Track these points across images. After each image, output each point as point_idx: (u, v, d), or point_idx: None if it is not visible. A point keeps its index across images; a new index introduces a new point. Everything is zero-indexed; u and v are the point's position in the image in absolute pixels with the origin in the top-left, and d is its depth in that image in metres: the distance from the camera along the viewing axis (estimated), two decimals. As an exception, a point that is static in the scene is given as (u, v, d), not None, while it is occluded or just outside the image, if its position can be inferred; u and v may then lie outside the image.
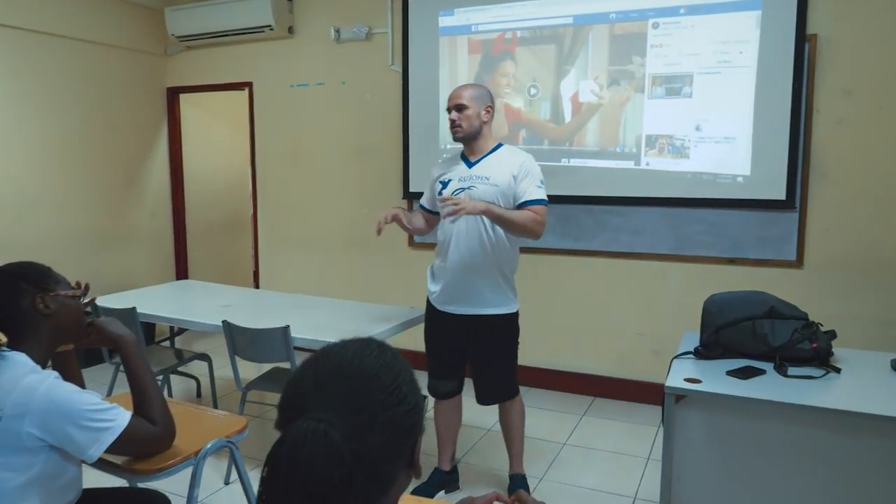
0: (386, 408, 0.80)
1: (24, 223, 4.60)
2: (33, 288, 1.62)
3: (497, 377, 2.87)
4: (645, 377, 4.07)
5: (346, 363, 0.83)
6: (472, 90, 2.74)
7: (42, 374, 1.54)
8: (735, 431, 2.24)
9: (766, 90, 3.55)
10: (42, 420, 1.47)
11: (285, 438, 0.73)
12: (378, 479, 0.79)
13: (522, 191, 2.66)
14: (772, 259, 3.69)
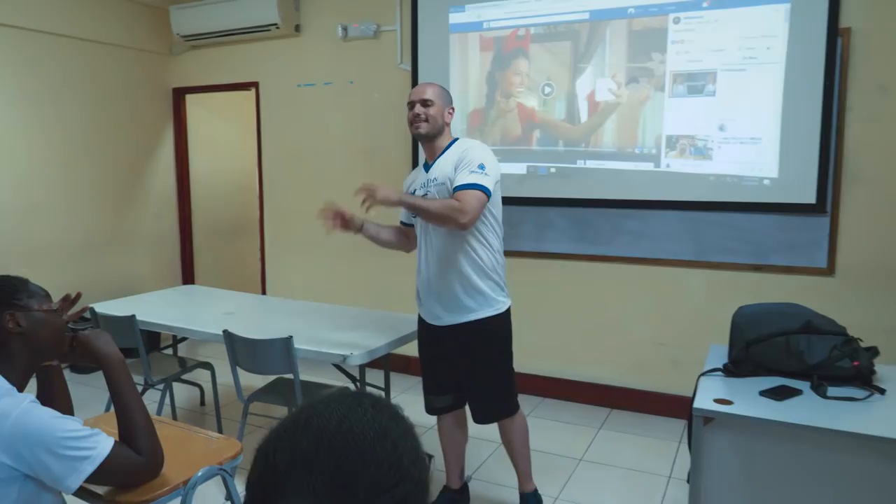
0: (383, 490, 0.64)
1: (29, 225, 4.50)
2: (3, 305, 1.48)
3: (491, 390, 2.66)
4: (664, 388, 3.90)
5: (332, 431, 0.66)
6: (437, 88, 2.61)
7: (16, 399, 1.40)
8: (770, 457, 2.06)
9: (795, 87, 3.36)
10: (14, 448, 1.34)
11: None
12: None
13: (457, 179, 2.45)
14: (801, 266, 3.50)
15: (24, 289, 1.54)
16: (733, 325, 2.42)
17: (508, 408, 2.69)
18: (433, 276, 2.60)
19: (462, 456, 2.89)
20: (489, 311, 2.57)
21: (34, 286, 1.57)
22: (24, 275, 4.36)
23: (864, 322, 2.84)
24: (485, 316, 2.57)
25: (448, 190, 2.49)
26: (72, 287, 2.09)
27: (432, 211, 2.41)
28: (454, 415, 2.81)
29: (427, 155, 2.65)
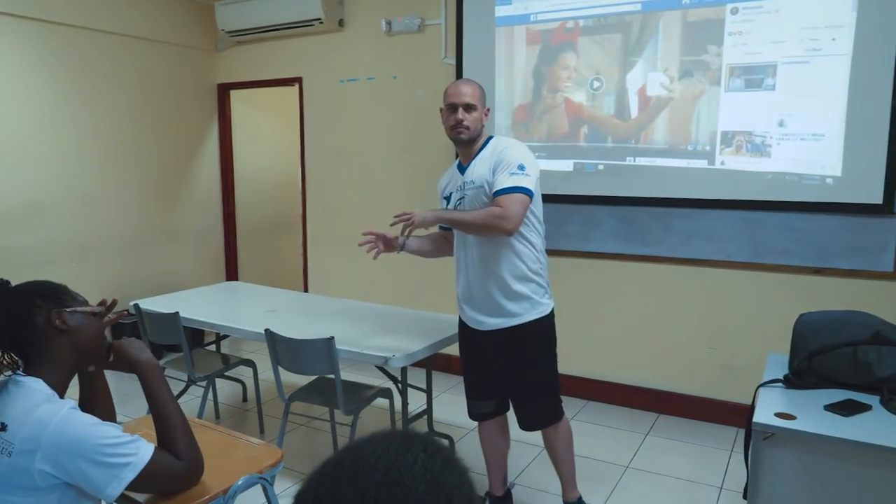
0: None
1: (78, 220, 4.58)
2: (48, 303, 1.47)
3: (536, 396, 2.58)
4: (715, 394, 3.76)
5: (379, 482, 0.59)
6: (478, 89, 2.49)
7: (56, 405, 1.38)
8: (834, 477, 1.93)
9: (862, 81, 3.18)
10: (54, 456, 1.32)
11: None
12: None
13: (497, 181, 2.36)
14: (865, 270, 3.32)
15: (67, 291, 1.53)
16: (795, 334, 2.28)
17: (553, 414, 2.61)
18: (473, 283, 2.52)
19: (505, 462, 2.82)
20: (533, 315, 2.49)
21: (74, 292, 1.55)
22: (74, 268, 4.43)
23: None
24: (528, 320, 2.48)
25: (485, 194, 2.40)
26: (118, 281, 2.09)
27: (474, 223, 2.35)
28: (497, 421, 2.73)
29: (462, 157, 2.56)
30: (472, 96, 2.44)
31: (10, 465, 1.31)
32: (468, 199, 2.47)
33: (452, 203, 2.54)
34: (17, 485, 1.31)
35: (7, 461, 1.31)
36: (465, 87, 2.48)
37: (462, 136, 2.45)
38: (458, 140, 2.48)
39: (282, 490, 2.94)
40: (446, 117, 2.49)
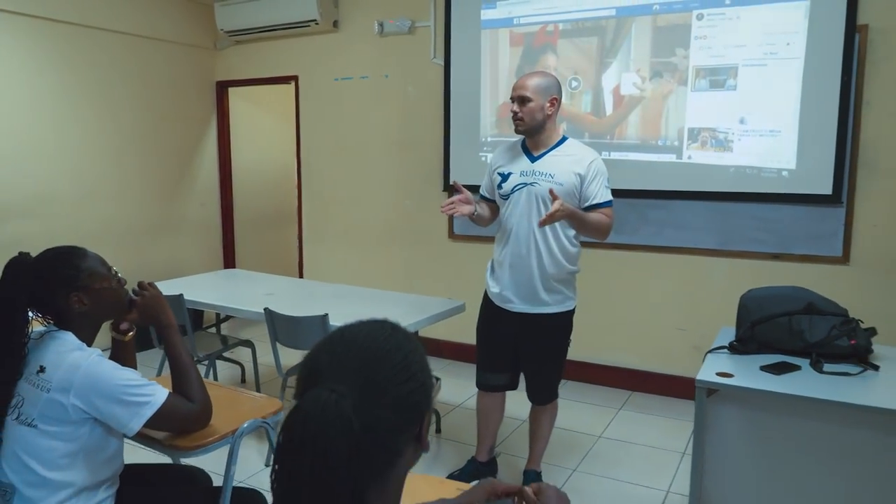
0: (394, 383, 0.85)
1: (84, 212, 4.82)
2: (67, 288, 1.65)
3: (550, 376, 2.87)
4: (685, 373, 4.02)
5: (360, 340, 0.88)
6: (537, 80, 2.62)
7: (86, 352, 1.62)
8: (767, 427, 2.22)
9: (813, 82, 3.47)
10: (85, 394, 1.56)
11: (300, 406, 0.78)
12: (385, 450, 0.83)
13: (592, 193, 2.61)
14: (818, 255, 3.61)
15: (85, 266, 1.70)
16: (740, 307, 2.57)
17: (555, 392, 2.91)
18: (519, 267, 2.70)
19: (495, 433, 3.07)
20: (561, 308, 2.75)
21: (92, 259, 1.74)
22: None
23: (877, 309, 2.96)
24: (557, 311, 2.74)
25: (568, 193, 2.59)
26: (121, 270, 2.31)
27: (594, 225, 2.61)
28: (501, 394, 2.98)
29: (530, 144, 2.72)
30: (528, 89, 2.59)
31: (48, 400, 1.56)
32: (542, 188, 2.61)
33: (510, 183, 2.69)
34: (53, 417, 1.56)
35: (46, 396, 1.56)
36: (523, 79, 2.64)
37: (519, 128, 2.64)
38: (517, 131, 2.67)
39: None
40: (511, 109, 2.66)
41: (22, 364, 1.59)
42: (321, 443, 0.74)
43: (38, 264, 1.65)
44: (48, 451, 1.55)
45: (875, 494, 2.07)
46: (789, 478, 2.19)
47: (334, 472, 0.74)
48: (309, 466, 0.74)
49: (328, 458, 0.74)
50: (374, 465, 0.82)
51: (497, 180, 2.78)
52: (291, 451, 0.76)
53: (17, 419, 1.56)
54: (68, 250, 1.71)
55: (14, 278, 1.61)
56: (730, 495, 2.29)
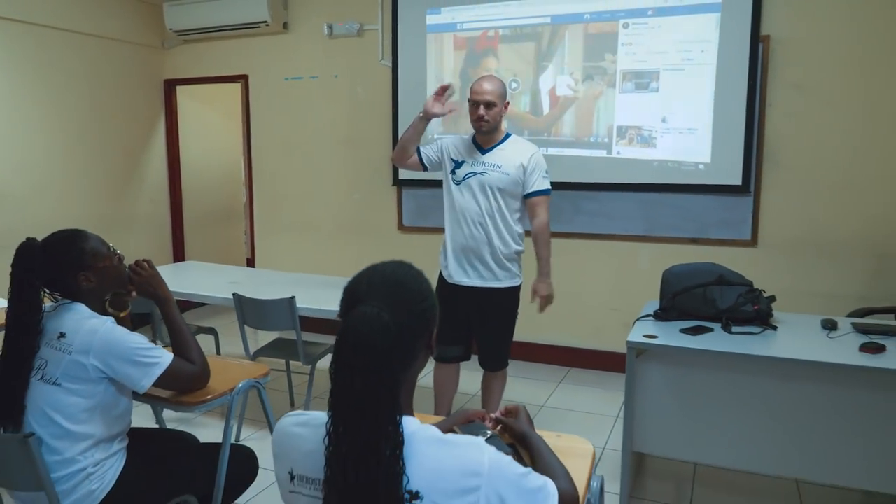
0: (415, 302, 1.15)
1: (30, 209, 4.85)
2: (75, 269, 1.86)
3: (500, 346, 3.19)
4: (617, 348, 4.40)
5: (389, 273, 1.18)
6: (497, 85, 2.93)
7: (100, 320, 1.84)
8: (686, 380, 2.60)
9: (724, 85, 3.92)
10: (102, 356, 1.78)
11: (350, 318, 1.05)
12: (409, 351, 1.13)
13: (532, 182, 2.98)
14: (730, 239, 4.07)
15: (89, 248, 1.90)
16: (663, 281, 2.95)
17: (505, 361, 3.24)
18: (471, 247, 3.02)
19: (451, 401, 3.37)
20: (509, 283, 3.08)
21: (94, 240, 1.93)
22: None
23: (782, 285, 3.38)
24: (506, 286, 3.07)
25: (514, 182, 2.98)
26: None
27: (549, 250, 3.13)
28: (456, 365, 3.28)
29: (480, 139, 3.04)
30: (493, 94, 2.91)
31: (70, 360, 1.77)
32: (491, 177, 2.97)
33: (463, 171, 3.02)
34: (75, 376, 1.77)
35: (68, 358, 1.77)
36: (484, 85, 2.93)
37: (483, 129, 2.96)
38: (481, 131, 2.98)
39: (246, 436, 3.42)
40: (471, 111, 2.96)
41: (39, 338, 1.79)
42: (369, 342, 1.01)
43: (46, 248, 1.84)
44: (70, 407, 1.76)
45: (774, 428, 2.48)
46: (705, 420, 2.58)
47: (379, 364, 1.01)
48: (361, 360, 1.01)
49: (375, 353, 1.01)
50: (403, 360, 1.10)
51: (450, 166, 3.10)
52: (347, 350, 1.03)
53: (42, 379, 1.77)
54: (72, 233, 1.91)
55: (26, 262, 1.81)
56: (656, 438, 2.67)
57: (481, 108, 2.93)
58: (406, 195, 4.97)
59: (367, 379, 1.01)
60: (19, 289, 1.80)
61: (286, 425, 1.19)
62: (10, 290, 1.81)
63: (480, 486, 1.05)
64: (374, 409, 1.01)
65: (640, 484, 2.98)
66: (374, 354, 1.02)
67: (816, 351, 2.44)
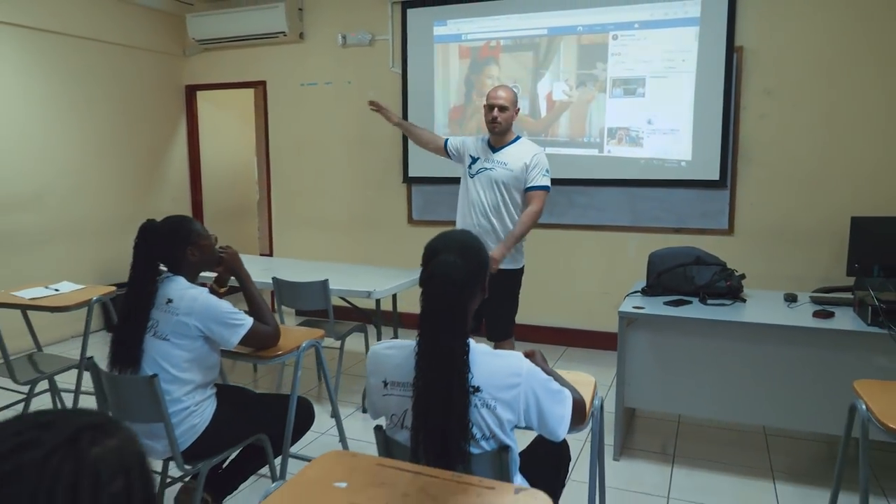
0: (475, 254, 1.59)
1: (70, 207, 5.28)
2: (185, 243, 2.33)
3: (500, 319, 3.61)
4: (607, 328, 4.89)
5: (458, 235, 1.63)
6: (510, 94, 3.39)
7: (198, 290, 2.29)
8: (668, 344, 3.07)
9: (703, 91, 4.39)
10: (202, 318, 2.22)
11: (433, 263, 1.49)
12: (472, 288, 1.57)
13: (532, 178, 3.41)
14: (710, 228, 4.55)
15: (196, 228, 2.38)
16: (649, 262, 3.42)
17: (509, 333, 3.66)
18: (478, 232, 3.29)
19: None
20: (513, 265, 3.51)
21: (197, 223, 2.41)
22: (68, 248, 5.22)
23: (755, 269, 3.87)
24: (510, 268, 3.49)
25: (518, 178, 3.40)
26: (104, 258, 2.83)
27: (526, 229, 3.42)
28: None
29: (493, 140, 3.48)
30: (506, 100, 3.37)
31: (177, 321, 2.21)
32: (498, 173, 3.41)
33: (477, 166, 3.49)
34: (181, 333, 2.21)
35: (175, 319, 2.21)
36: (500, 92, 3.38)
37: (496, 129, 3.39)
38: (494, 132, 3.42)
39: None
40: (486, 113, 3.41)
41: (152, 300, 2.23)
42: (449, 277, 1.46)
43: (164, 226, 2.29)
44: (176, 357, 2.21)
45: (743, 383, 2.96)
46: (685, 378, 3.05)
47: (455, 292, 1.46)
48: (442, 292, 1.46)
49: (453, 285, 1.46)
50: (469, 293, 1.55)
51: (468, 161, 3.57)
52: (433, 284, 1.47)
53: (154, 335, 2.21)
54: (184, 217, 2.39)
55: (149, 238, 2.25)
56: (644, 394, 3.14)
57: (495, 110, 3.37)
58: (415, 191, 5.42)
59: (447, 304, 1.47)
60: (140, 260, 2.24)
61: (379, 349, 1.64)
62: (133, 261, 2.25)
63: (520, 384, 1.50)
64: (450, 325, 1.46)
65: (630, 438, 3.45)
66: (453, 286, 1.47)
67: (778, 317, 2.92)
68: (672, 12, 4.42)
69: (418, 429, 1.47)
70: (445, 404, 1.45)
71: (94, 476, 0.62)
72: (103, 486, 0.63)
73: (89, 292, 3.43)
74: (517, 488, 1.36)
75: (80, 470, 0.62)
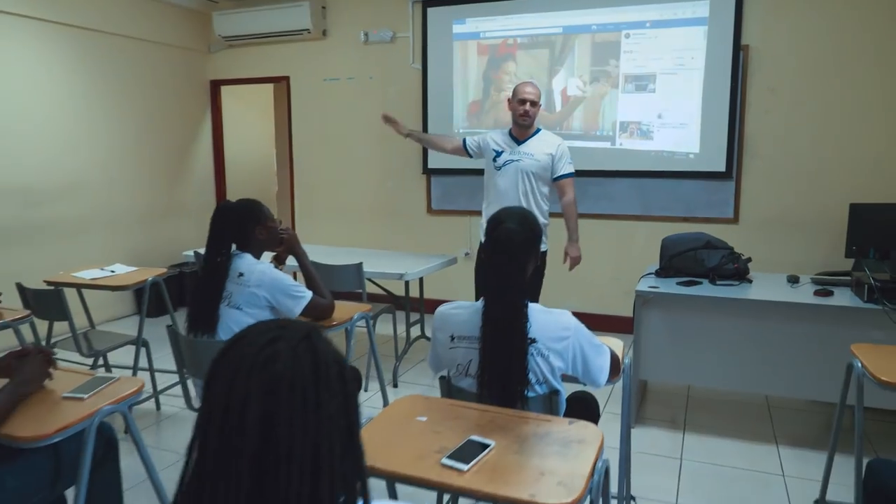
0: (532, 226, 1.86)
1: (105, 199, 5.53)
2: (255, 223, 2.59)
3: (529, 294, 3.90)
4: (619, 313, 5.17)
5: (517, 210, 1.91)
6: (538, 91, 3.68)
7: (265, 265, 2.56)
8: (680, 321, 3.35)
9: (710, 87, 4.66)
10: (270, 290, 2.49)
11: (497, 231, 1.76)
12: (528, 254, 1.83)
13: (559, 168, 3.69)
14: (716, 217, 4.81)
15: (265, 210, 2.63)
16: (662, 247, 3.69)
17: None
18: None
19: None
20: (543, 248, 3.76)
21: (265, 206, 2.66)
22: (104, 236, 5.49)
23: (759, 255, 4.11)
24: (542, 249, 3.73)
25: (544, 167, 3.70)
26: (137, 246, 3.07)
27: (577, 215, 3.88)
28: None
29: (517, 133, 3.75)
30: (536, 96, 3.64)
31: (248, 293, 2.47)
32: (525, 164, 3.68)
33: (503, 159, 3.74)
34: (251, 303, 2.48)
35: (247, 290, 2.47)
36: (530, 88, 3.65)
37: (525, 122, 3.66)
38: (521, 124, 3.68)
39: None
40: (515, 107, 3.67)
41: (227, 273, 2.50)
42: (511, 243, 1.74)
43: (238, 208, 2.56)
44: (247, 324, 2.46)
45: (748, 355, 3.23)
46: (695, 351, 3.33)
47: (516, 257, 1.74)
48: (506, 255, 1.73)
49: (514, 249, 1.73)
50: (526, 258, 1.82)
51: (491, 155, 3.82)
52: (497, 248, 1.74)
53: (228, 305, 2.48)
54: (255, 201, 2.66)
55: (225, 217, 2.52)
56: (657, 367, 3.42)
57: (527, 104, 3.63)
58: (434, 182, 5.68)
59: (509, 267, 1.74)
60: (216, 237, 2.50)
61: (446, 309, 1.91)
62: (209, 237, 2.51)
63: (570, 336, 1.78)
64: (510, 285, 1.74)
65: (643, 409, 3.73)
66: (513, 250, 1.74)
67: (781, 295, 3.19)
68: (682, 12, 4.68)
69: (484, 375, 1.74)
70: (508, 353, 1.72)
71: (324, 361, 0.89)
72: (329, 367, 0.89)
73: (143, 273, 3.70)
74: (570, 420, 1.64)
75: (315, 356, 0.88)
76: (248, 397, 0.83)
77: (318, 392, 0.85)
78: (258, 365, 0.85)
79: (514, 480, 1.37)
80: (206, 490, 0.83)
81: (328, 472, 0.83)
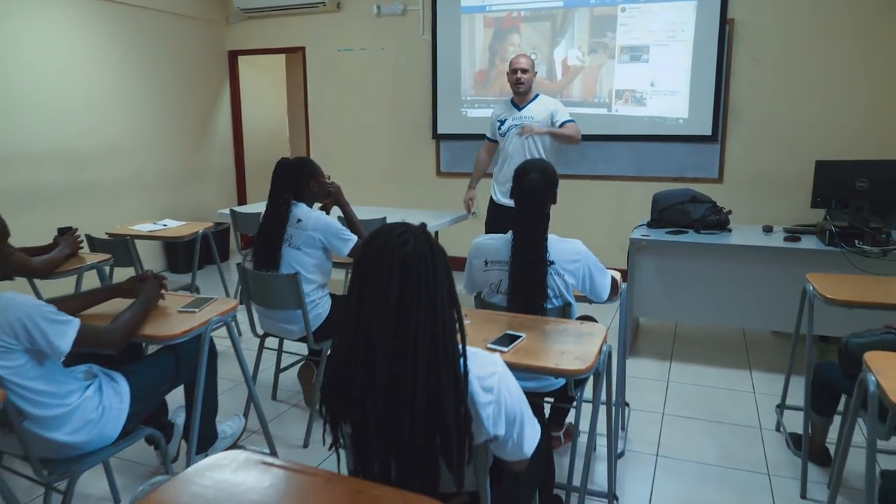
0: (551, 175, 2.32)
1: (139, 162, 5.94)
2: (309, 178, 3.06)
3: None
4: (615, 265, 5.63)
5: (538, 161, 2.41)
6: (529, 60, 4.09)
7: (319, 213, 3.01)
8: (669, 265, 3.84)
9: (699, 57, 5.09)
10: (324, 234, 2.96)
11: (523, 180, 2.22)
12: (549, 196, 2.30)
13: (558, 119, 4.09)
14: (702, 177, 5.29)
15: (317, 166, 3.10)
16: (653, 201, 4.16)
17: None
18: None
19: None
20: None
21: (318, 165, 3.12)
22: (137, 197, 5.97)
23: (741, 213, 4.58)
24: None
25: (544, 125, 4.03)
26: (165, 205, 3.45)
27: (566, 134, 4.04)
28: None
29: (517, 100, 4.17)
30: (527, 64, 4.05)
31: (306, 236, 2.94)
32: (527, 125, 4.05)
33: (507, 126, 4.15)
34: (309, 245, 2.94)
35: (305, 234, 2.94)
36: (523, 59, 4.07)
37: (521, 88, 4.07)
38: (517, 91, 4.10)
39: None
40: (510, 77, 4.09)
41: (287, 218, 2.96)
42: (536, 188, 2.20)
43: (295, 163, 3.01)
44: (306, 263, 2.94)
45: (728, 293, 3.73)
46: (682, 291, 3.83)
47: (540, 201, 2.20)
48: (531, 199, 2.20)
49: (539, 193, 2.20)
50: (547, 200, 2.29)
51: (497, 125, 4.26)
52: (524, 194, 2.21)
53: (289, 246, 2.94)
54: (308, 158, 3.13)
55: (285, 171, 2.97)
56: (649, 305, 3.92)
57: (519, 73, 4.06)
58: (443, 147, 6.12)
59: (535, 208, 2.21)
60: (277, 188, 2.96)
61: (480, 240, 2.38)
62: (271, 188, 2.97)
63: (580, 259, 2.26)
64: (536, 220, 2.21)
65: (635, 344, 4.23)
66: (538, 194, 2.21)
67: (756, 241, 3.68)
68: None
69: (513, 291, 2.23)
70: (532, 273, 2.20)
71: (436, 245, 1.35)
72: (437, 254, 1.35)
73: (193, 227, 4.15)
74: (580, 319, 2.12)
75: (430, 242, 1.34)
76: (392, 268, 1.29)
77: (435, 264, 1.31)
78: (396, 247, 1.30)
79: (543, 358, 1.86)
80: (361, 333, 1.30)
81: (441, 315, 1.30)
